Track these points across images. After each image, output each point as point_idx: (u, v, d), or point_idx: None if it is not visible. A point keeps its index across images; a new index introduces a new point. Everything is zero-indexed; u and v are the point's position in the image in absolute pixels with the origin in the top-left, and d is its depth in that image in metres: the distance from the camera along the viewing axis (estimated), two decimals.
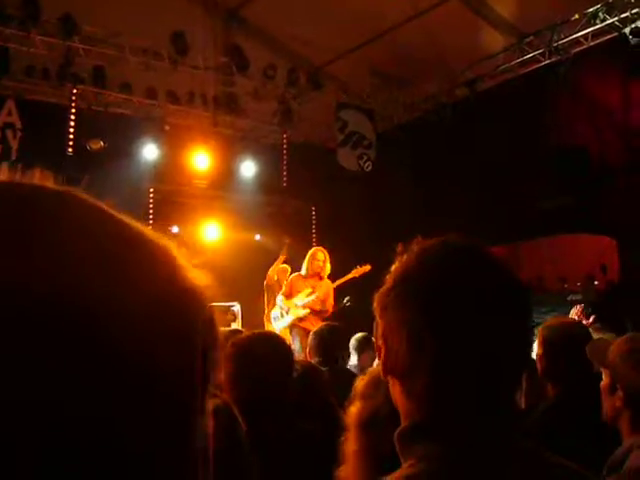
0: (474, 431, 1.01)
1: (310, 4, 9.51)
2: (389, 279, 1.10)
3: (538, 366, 3.09)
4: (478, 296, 1.03)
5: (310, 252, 7.79)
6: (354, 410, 1.73)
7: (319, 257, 7.63)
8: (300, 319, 7.53)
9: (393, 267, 1.13)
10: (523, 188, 9.81)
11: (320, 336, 4.36)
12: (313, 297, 7.46)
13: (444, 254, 1.10)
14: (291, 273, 8.48)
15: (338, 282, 7.95)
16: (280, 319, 7.79)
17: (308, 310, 7.49)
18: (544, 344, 3.07)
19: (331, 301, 7.66)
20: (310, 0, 9.50)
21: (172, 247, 0.47)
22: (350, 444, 1.69)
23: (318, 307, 7.56)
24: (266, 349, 2.67)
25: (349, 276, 8.02)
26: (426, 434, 1.02)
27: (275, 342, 2.87)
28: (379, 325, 1.10)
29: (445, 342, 1.01)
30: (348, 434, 1.71)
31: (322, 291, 7.56)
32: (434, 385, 1.02)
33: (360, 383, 1.79)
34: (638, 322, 6.14)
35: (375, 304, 1.11)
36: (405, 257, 1.12)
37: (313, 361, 4.33)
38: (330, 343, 4.32)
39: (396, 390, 1.08)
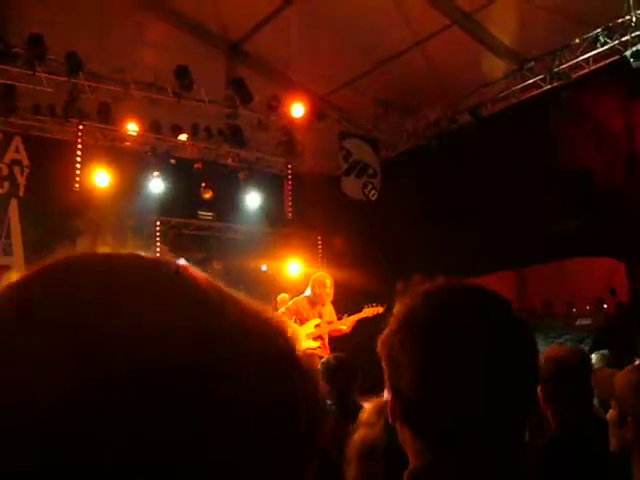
0: (482, 476, 1.00)
1: (311, 36, 9.61)
2: (393, 322, 1.09)
3: (539, 395, 3.05)
4: (485, 340, 1.03)
5: (317, 278, 7.55)
6: (357, 438, 1.72)
7: (328, 284, 7.41)
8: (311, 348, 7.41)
9: (396, 309, 1.12)
10: (529, 213, 9.80)
11: (326, 367, 4.31)
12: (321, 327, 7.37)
13: (449, 298, 1.10)
14: None
15: (348, 322, 7.76)
16: None
17: (319, 342, 7.38)
18: (545, 371, 3.03)
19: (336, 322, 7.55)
20: (311, 32, 9.58)
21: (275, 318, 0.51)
22: (350, 473, 1.69)
23: (327, 332, 7.46)
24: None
25: (360, 315, 7.71)
26: (435, 477, 1.01)
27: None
28: (384, 368, 1.10)
29: (454, 386, 1.01)
30: (348, 463, 1.70)
31: (331, 316, 7.45)
32: (442, 427, 1.01)
33: (364, 414, 1.78)
34: None
35: (380, 348, 1.10)
36: (409, 300, 1.11)
37: None
38: (337, 371, 4.26)
39: (405, 434, 1.07)
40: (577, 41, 9.01)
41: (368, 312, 7.66)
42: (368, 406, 1.78)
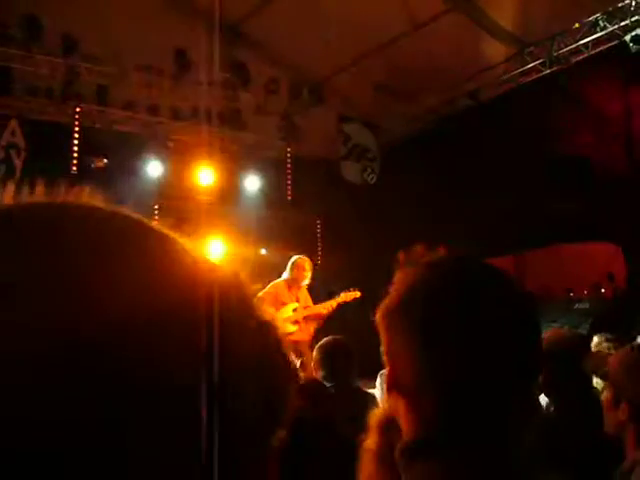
0: (478, 454, 1.00)
1: (311, 18, 9.56)
2: (394, 293, 1.08)
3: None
4: (489, 316, 1.01)
5: (296, 261, 7.53)
6: (371, 444, 1.70)
7: (307, 268, 7.44)
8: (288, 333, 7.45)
9: (396, 279, 1.11)
10: (527, 198, 9.80)
11: (324, 350, 4.30)
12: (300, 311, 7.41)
13: (454, 274, 1.08)
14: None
15: (327, 306, 7.75)
16: None
17: (297, 327, 7.41)
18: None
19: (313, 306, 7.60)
20: (311, 14, 9.53)
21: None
22: (369, 442, 1.68)
23: (305, 316, 7.50)
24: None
25: (338, 300, 7.82)
26: (428, 452, 1.01)
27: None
28: (383, 340, 1.08)
29: (455, 363, 0.99)
30: (364, 467, 1.69)
31: (306, 300, 7.50)
32: (441, 404, 1.00)
33: (375, 414, 1.77)
34: None
35: (379, 319, 1.08)
36: (411, 272, 1.09)
37: (318, 375, 4.27)
38: (335, 357, 4.25)
39: (400, 405, 1.06)
40: (577, 25, 8.98)
41: (346, 297, 7.78)
42: (378, 412, 1.77)
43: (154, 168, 10.61)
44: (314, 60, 10.41)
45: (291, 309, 7.40)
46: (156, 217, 10.77)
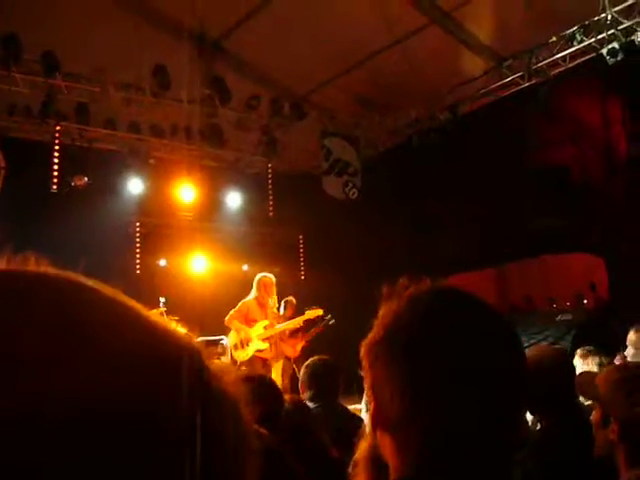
0: None
1: (291, 34, 9.59)
2: (378, 328, 1.06)
3: None
4: (474, 348, 1.01)
5: (263, 279, 7.77)
6: (365, 445, 1.71)
7: (273, 284, 7.72)
8: (259, 350, 7.60)
9: (381, 313, 1.09)
10: (509, 210, 9.86)
11: (311, 370, 4.32)
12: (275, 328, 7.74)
13: (437, 305, 1.07)
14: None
15: (294, 323, 8.08)
16: (241, 349, 7.71)
17: (267, 344, 7.55)
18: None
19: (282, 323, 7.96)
20: (291, 30, 9.56)
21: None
22: (359, 477, 1.68)
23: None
24: (259, 390, 2.65)
25: (303, 318, 8.11)
26: None
27: (267, 383, 2.86)
28: (367, 376, 1.07)
29: (441, 398, 0.98)
30: (358, 469, 1.69)
31: (275, 317, 7.80)
32: (428, 441, 0.99)
33: (362, 448, 1.76)
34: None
35: (363, 354, 1.07)
36: (394, 304, 1.08)
37: (304, 395, 4.27)
38: (321, 377, 4.27)
39: (386, 443, 1.05)
40: (554, 39, 9.07)
41: (310, 314, 8.10)
42: (359, 454, 1.77)
43: (135, 186, 10.55)
44: (295, 75, 10.43)
45: (262, 326, 7.65)
46: (138, 234, 10.73)
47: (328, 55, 9.91)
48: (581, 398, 3.15)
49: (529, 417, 3.15)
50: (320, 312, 8.22)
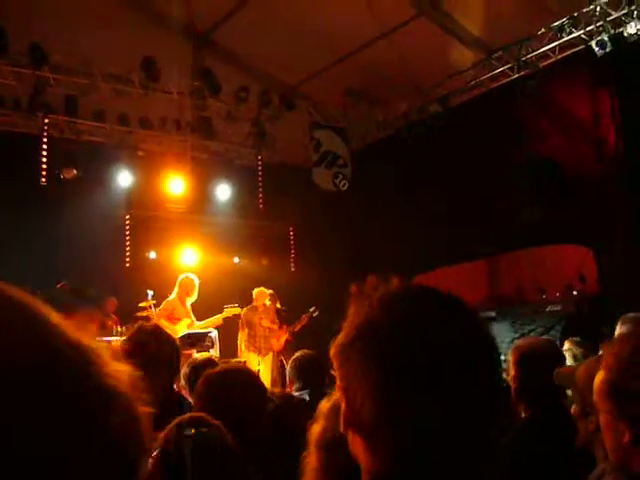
0: None
1: (280, 26, 9.56)
2: (349, 327, 1.05)
3: (511, 387, 3.09)
4: (447, 349, 0.99)
5: (186, 280, 8.24)
6: (317, 429, 1.72)
7: (194, 286, 8.20)
8: None
9: (350, 313, 1.08)
10: (499, 202, 9.87)
11: (298, 363, 4.49)
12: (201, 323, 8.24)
13: (408, 305, 1.05)
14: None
15: (214, 321, 8.45)
16: None
17: None
18: (517, 365, 3.07)
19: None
20: (280, 22, 9.53)
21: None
22: (311, 462, 1.68)
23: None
24: (240, 384, 2.65)
25: (224, 315, 8.59)
26: None
27: (249, 376, 2.86)
28: (338, 376, 1.06)
29: (414, 399, 0.97)
30: (309, 452, 1.70)
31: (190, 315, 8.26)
32: (400, 443, 0.98)
33: (324, 405, 1.77)
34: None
35: (333, 353, 1.06)
36: (364, 305, 1.06)
37: (294, 387, 4.39)
38: (307, 368, 4.42)
39: (357, 444, 1.04)
40: (543, 30, 9.08)
41: (228, 312, 8.64)
42: (326, 403, 1.78)
43: (124, 178, 10.51)
44: (284, 67, 10.40)
45: (186, 324, 8.07)
46: (127, 227, 10.70)
47: (317, 47, 9.89)
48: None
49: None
50: (238, 310, 8.79)
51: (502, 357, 3.26)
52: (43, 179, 9.56)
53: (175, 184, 10.75)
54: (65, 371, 0.48)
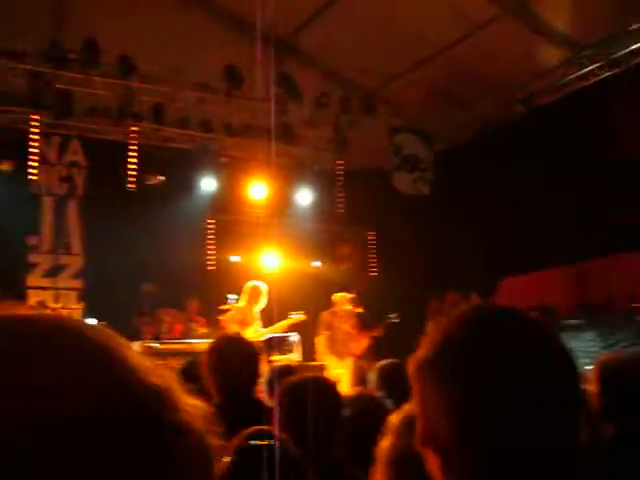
0: None
1: (361, 29, 9.54)
2: (427, 345, 1.07)
3: (595, 404, 2.94)
4: (524, 368, 1.00)
5: (255, 288, 8.43)
6: (385, 444, 1.71)
7: (263, 293, 8.39)
8: None
9: (429, 331, 1.09)
10: (589, 206, 9.52)
11: (381, 371, 4.49)
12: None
13: (487, 324, 1.06)
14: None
15: (280, 328, 8.64)
16: None
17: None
18: (601, 381, 2.93)
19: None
20: (361, 25, 9.51)
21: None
22: (377, 476, 1.68)
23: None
24: (315, 395, 2.66)
25: (289, 322, 8.77)
26: None
27: (326, 385, 2.86)
28: (415, 393, 1.07)
29: (493, 421, 0.97)
30: (377, 468, 1.69)
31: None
32: (477, 461, 0.98)
33: (394, 419, 1.75)
34: None
35: (412, 370, 1.08)
36: (444, 323, 1.08)
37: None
38: (392, 377, 4.40)
39: (433, 464, 1.04)
40: (634, 26, 8.71)
41: (294, 320, 8.82)
42: (396, 416, 1.75)
43: (208, 184, 10.77)
44: (365, 71, 10.39)
45: (254, 330, 8.27)
46: (211, 231, 10.95)
47: (398, 49, 9.82)
48: None
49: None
50: (303, 317, 8.88)
51: (586, 367, 3.13)
52: (131, 185, 9.88)
53: (257, 189, 10.91)
54: (140, 411, 0.50)
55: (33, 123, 9.23)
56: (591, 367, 3.10)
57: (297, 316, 8.83)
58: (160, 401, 0.52)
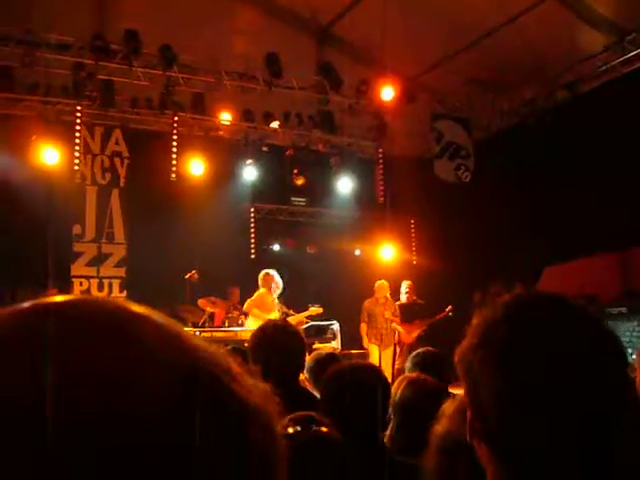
0: None
1: (400, 17, 9.47)
2: (472, 335, 1.06)
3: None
4: (570, 356, 0.98)
5: (268, 276, 8.45)
6: (439, 430, 1.71)
7: (276, 281, 8.45)
8: None
9: (474, 321, 1.08)
10: (633, 192, 9.34)
11: (417, 358, 4.37)
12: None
13: (532, 313, 1.05)
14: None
15: (299, 317, 8.67)
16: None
17: None
18: None
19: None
20: (400, 12, 9.44)
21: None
22: (429, 465, 1.68)
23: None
24: (361, 381, 2.68)
25: (307, 314, 8.84)
26: None
27: (374, 373, 2.88)
28: (464, 384, 1.07)
29: (539, 409, 0.97)
30: (429, 455, 1.69)
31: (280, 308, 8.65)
32: (530, 452, 0.98)
33: (449, 405, 1.76)
34: None
35: (457, 360, 1.08)
36: (488, 312, 1.07)
37: None
38: (428, 365, 4.31)
39: (484, 454, 1.04)
40: None
41: (312, 312, 8.88)
42: (450, 403, 1.76)
43: (249, 172, 10.83)
44: (405, 58, 10.31)
45: (274, 317, 8.13)
46: (252, 219, 11.02)
47: (439, 36, 9.74)
48: None
49: None
50: (320, 310, 8.91)
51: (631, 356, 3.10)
52: (173, 175, 9.98)
53: (297, 178, 10.95)
54: (209, 387, 0.49)
55: (77, 114, 9.38)
56: (634, 355, 3.08)
57: (315, 308, 8.90)
58: (232, 379, 0.52)
